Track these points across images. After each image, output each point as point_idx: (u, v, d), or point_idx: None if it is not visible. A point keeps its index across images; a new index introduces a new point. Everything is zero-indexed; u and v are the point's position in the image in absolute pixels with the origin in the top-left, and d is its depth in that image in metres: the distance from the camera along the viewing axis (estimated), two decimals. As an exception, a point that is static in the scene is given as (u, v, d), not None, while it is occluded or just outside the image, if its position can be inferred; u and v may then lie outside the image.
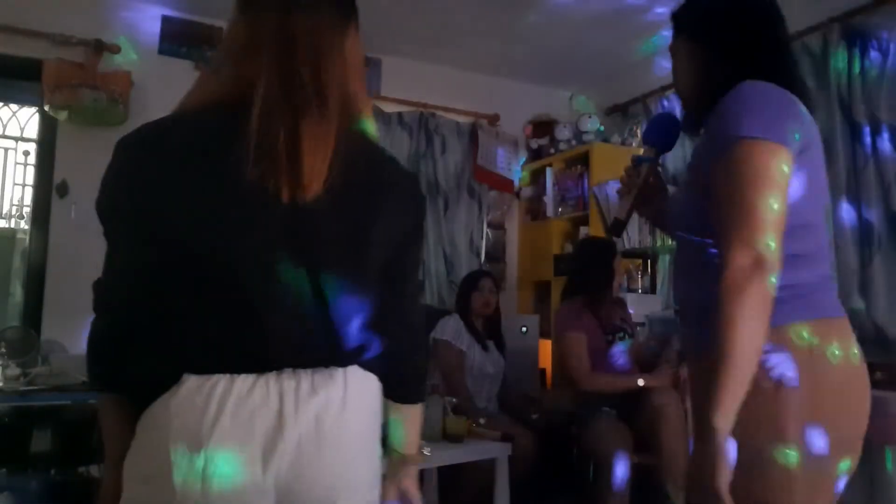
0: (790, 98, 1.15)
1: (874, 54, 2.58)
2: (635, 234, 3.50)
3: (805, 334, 1.10)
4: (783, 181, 1.08)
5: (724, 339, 1.02)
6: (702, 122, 1.24)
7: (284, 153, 0.89)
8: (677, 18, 1.35)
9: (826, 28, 2.75)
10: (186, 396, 0.86)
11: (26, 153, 4.82)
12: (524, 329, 3.60)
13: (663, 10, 3.34)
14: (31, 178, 3.98)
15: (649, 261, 3.68)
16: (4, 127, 4.82)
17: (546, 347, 3.70)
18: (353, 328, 0.97)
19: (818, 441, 1.08)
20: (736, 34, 1.25)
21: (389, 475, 1.13)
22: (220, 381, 0.87)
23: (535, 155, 4.23)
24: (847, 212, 2.61)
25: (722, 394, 1.01)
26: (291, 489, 0.89)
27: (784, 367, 1.09)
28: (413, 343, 1.10)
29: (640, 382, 2.73)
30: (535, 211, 4.20)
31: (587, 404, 2.78)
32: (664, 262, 3.63)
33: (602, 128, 3.91)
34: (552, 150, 4.10)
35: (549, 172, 4.03)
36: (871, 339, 2.47)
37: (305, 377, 0.91)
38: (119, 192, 0.92)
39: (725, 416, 1.01)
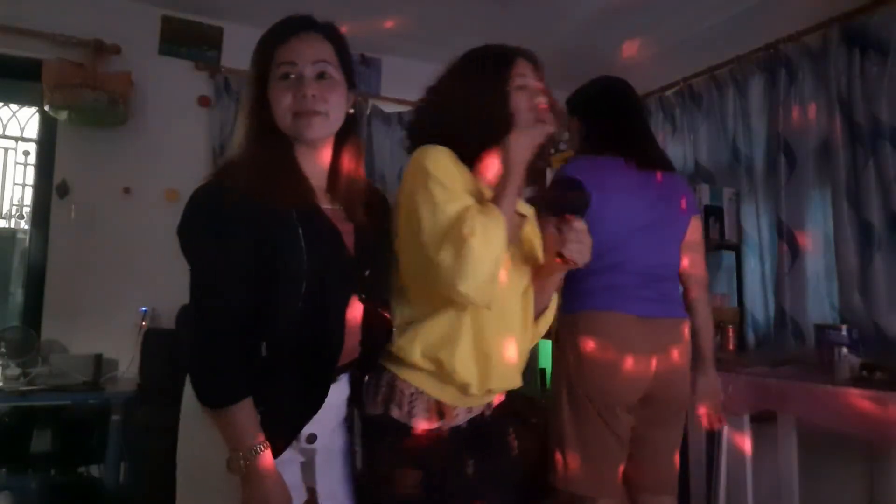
0: (595, 167, 1.96)
1: (874, 54, 2.57)
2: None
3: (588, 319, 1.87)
4: None
5: None
6: None
7: None
8: (568, 101, 2.11)
9: (826, 28, 2.75)
10: None
11: (26, 153, 4.82)
12: (524, 329, 3.58)
13: (663, 10, 3.34)
14: (31, 178, 3.98)
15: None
16: (4, 127, 4.82)
17: (546, 347, 3.69)
18: None
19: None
20: (592, 114, 2.03)
21: None
22: None
23: (536, 155, 4.22)
24: (847, 212, 2.60)
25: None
26: None
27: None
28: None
29: None
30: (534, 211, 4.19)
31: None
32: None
33: (602, 128, 3.89)
34: (552, 150, 4.09)
35: (549, 172, 4.03)
36: (871, 339, 2.46)
37: None
38: None
39: None
